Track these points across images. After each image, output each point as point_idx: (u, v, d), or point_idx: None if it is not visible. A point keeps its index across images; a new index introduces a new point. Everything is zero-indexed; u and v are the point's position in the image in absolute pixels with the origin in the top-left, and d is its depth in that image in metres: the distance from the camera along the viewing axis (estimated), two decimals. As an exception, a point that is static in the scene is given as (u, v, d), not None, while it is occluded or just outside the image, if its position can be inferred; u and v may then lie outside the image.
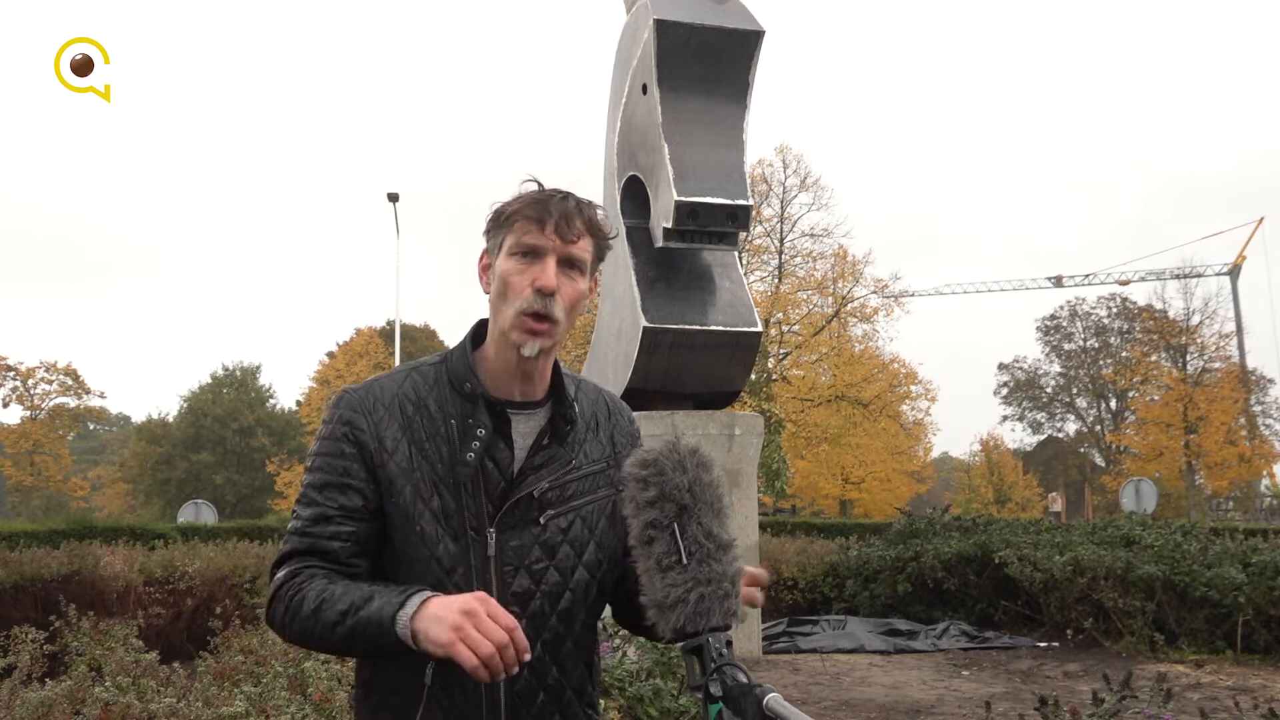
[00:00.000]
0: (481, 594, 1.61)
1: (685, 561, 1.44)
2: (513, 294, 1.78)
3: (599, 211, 1.85)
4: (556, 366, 1.88)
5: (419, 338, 53.84)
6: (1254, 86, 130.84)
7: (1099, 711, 4.11)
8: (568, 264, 1.79)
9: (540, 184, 1.83)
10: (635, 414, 2.03)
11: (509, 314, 1.78)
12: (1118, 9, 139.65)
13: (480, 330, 1.88)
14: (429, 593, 1.64)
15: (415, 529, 1.75)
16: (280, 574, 1.77)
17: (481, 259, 1.86)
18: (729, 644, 1.43)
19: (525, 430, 1.83)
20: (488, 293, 1.84)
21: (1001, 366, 61.11)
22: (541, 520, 1.79)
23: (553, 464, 1.82)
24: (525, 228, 1.78)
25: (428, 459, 1.76)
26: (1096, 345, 57.80)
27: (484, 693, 1.75)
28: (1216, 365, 43.71)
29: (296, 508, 1.80)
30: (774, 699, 1.33)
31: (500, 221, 1.82)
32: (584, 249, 1.81)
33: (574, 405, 1.87)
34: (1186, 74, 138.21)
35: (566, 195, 1.81)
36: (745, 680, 1.38)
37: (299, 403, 53.43)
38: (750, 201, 9.59)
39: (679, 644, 1.46)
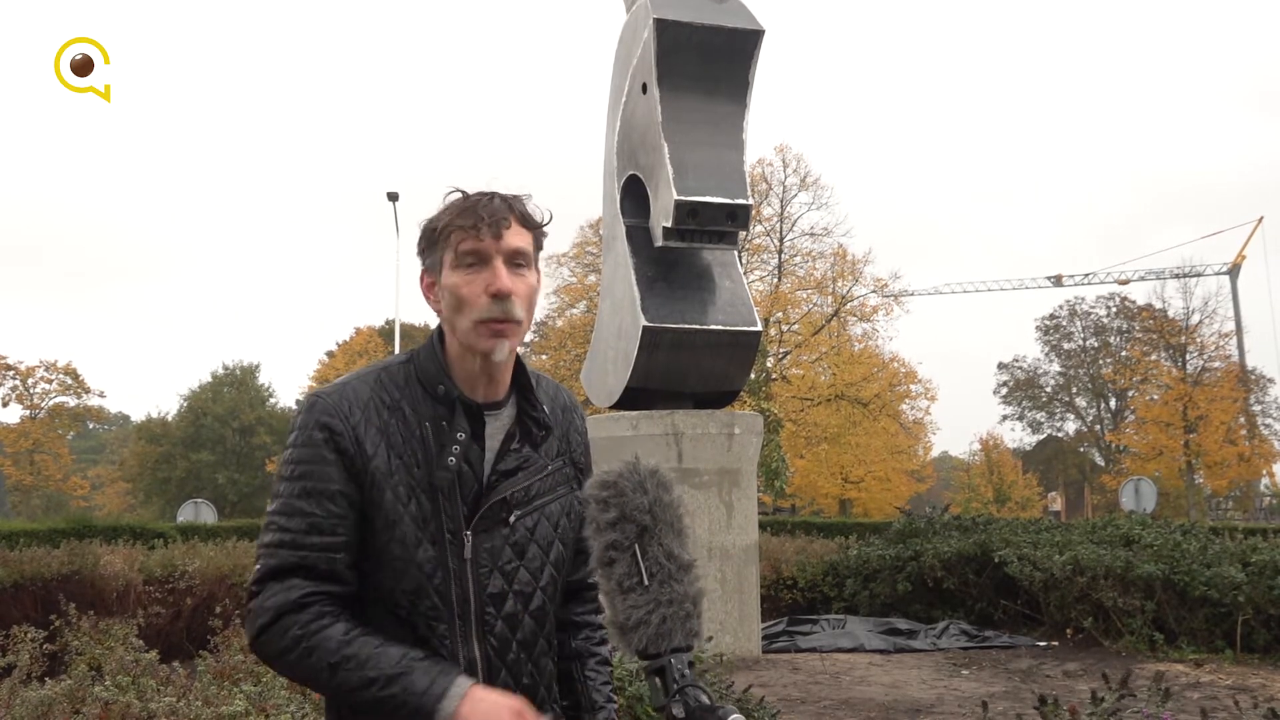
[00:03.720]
0: (519, 704, 1.63)
1: (646, 583, 1.44)
2: (467, 305, 1.76)
3: (529, 201, 1.84)
4: (519, 364, 1.88)
5: (419, 337, 53.82)
6: (1257, 86, 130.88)
7: (1098, 710, 4.12)
8: (513, 261, 1.78)
9: (464, 192, 1.81)
10: (635, 414, 2.06)
11: (466, 325, 1.76)
12: (1119, 9, 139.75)
13: (442, 331, 1.86)
14: (464, 677, 1.65)
15: (396, 534, 1.73)
16: (277, 596, 1.68)
17: (423, 279, 1.84)
18: (691, 665, 1.43)
19: (491, 431, 1.82)
20: (438, 310, 1.82)
21: (1001, 366, 61.17)
22: (510, 521, 1.80)
23: (527, 467, 1.83)
24: (461, 237, 1.76)
25: (404, 463, 1.75)
26: (1096, 345, 57.81)
27: None
28: (1216, 365, 43.73)
29: (277, 518, 1.72)
30: None
31: (435, 237, 1.80)
32: (524, 241, 1.79)
33: (544, 408, 1.87)
34: (1188, 74, 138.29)
35: (493, 195, 1.80)
36: (708, 702, 1.39)
37: (299, 402, 53.39)
38: (750, 201, 9.59)
39: (642, 664, 1.46)
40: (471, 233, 1.75)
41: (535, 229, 1.82)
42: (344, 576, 1.73)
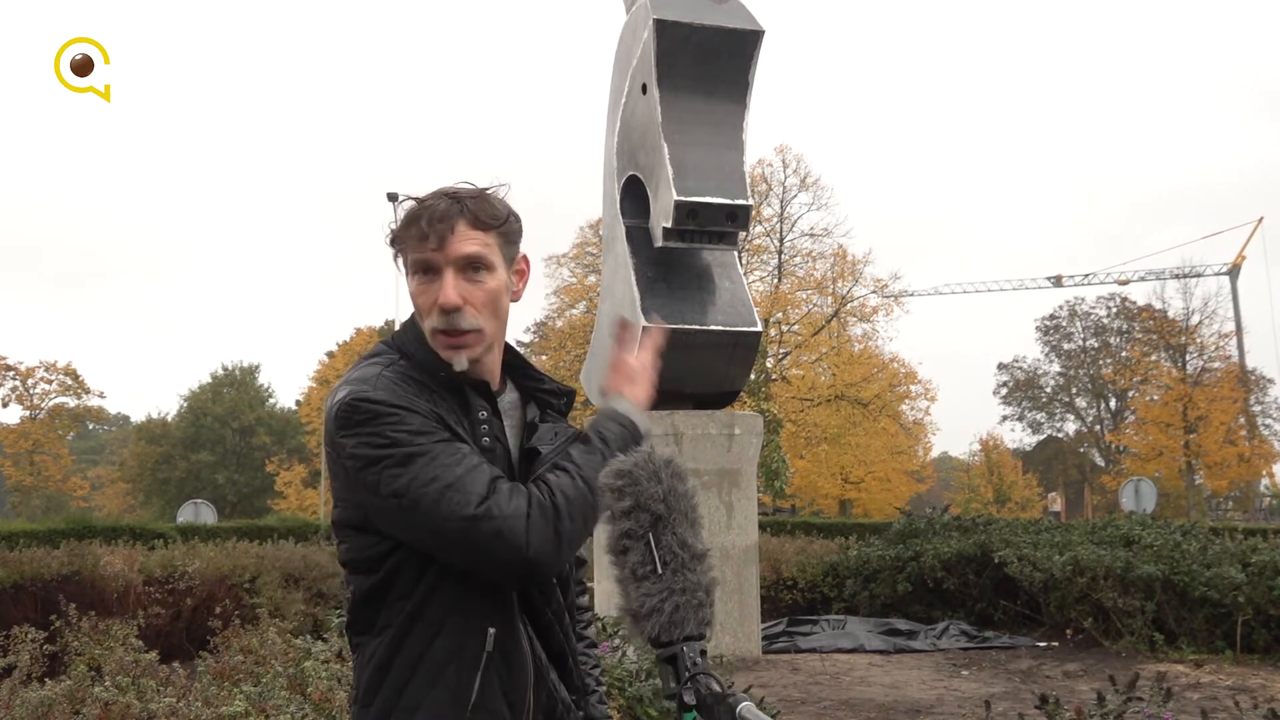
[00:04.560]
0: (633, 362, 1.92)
1: (660, 571, 1.45)
2: (424, 314, 1.76)
3: (490, 195, 1.78)
4: (510, 350, 1.89)
5: (419, 337, 53.79)
6: (1258, 88, 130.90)
7: (1101, 712, 4.12)
8: (468, 267, 1.74)
9: (418, 199, 1.76)
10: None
11: (428, 332, 1.77)
12: (1119, 10, 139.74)
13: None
14: (609, 397, 1.87)
15: None
16: (504, 506, 1.63)
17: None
18: (703, 653, 1.44)
19: (504, 409, 1.85)
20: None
21: (1001, 366, 61.19)
22: None
23: (562, 435, 1.86)
24: (412, 247, 1.74)
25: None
26: (1096, 345, 57.83)
27: (530, 659, 1.76)
28: (1216, 365, 43.75)
29: (435, 469, 1.64)
30: (746, 708, 1.35)
31: (394, 246, 1.78)
32: (476, 245, 1.74)
33: (549, 377, 1.91)
34: (1188, 75, 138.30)
35: (441, 199, 1.74)
36: (719, 689, 1.40)
37: (299, 402, 53.50)
38: (750, 201, 9.59)
39: (654, 652, 1.47)
40: (418, 242, 1.72)
41: (492, 225, 1.76)
42: None
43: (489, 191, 1.79)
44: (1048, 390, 60.41)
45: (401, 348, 1.81)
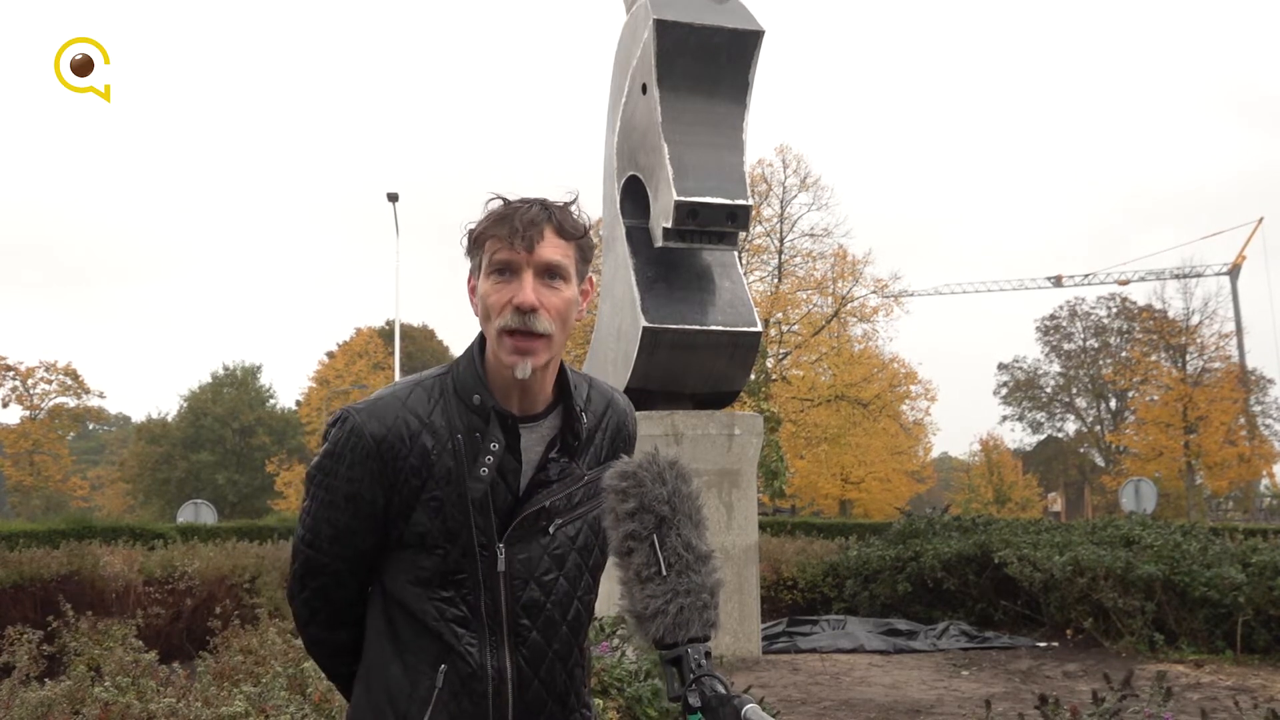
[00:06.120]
0: None
1: (664, 573, 1.44)
2: (494, 314, 1.74)
3: (574, 211, 1.80)
4: (564, 373, 1.85)
5: (418, 338, 53.86)
6: (1258, 89, 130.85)
7: (1099, 711, 4.12)
8: (546, 274, 1.75)
9: (505, 199, 1.78)
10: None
11: (493, 333, 1.75)
12: (1119, 11, 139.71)
13: (484, 340, 1.84)
14: None
15: (424, 547, 1.75)
16: (306, 594, 1.89)
17: (469, 281, 1.83)
18: (708, 654, 1.43)
19: (529, 443, 1.80)
20: (478, 315, 1.81)
21: (1001, 366, 61.11)
22: (550, 530, 1.78)
23: (565, 478, 1.81)
24: (495, 246, 1.74)
25: (435, 476, 1.74)
26: (1096, 345, 57.77)
27: (491, 702, 1.74)
28: (1216, 365, 43.69)
29: (308, 520, 1.85)
30: (752, 709, 1.34)
31: (473, 243, 1.79)
32: (559, 254, 1.76)
33: (582, 417, 1.85)
34: (1188, 76, 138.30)
35: (533, 204, 1.77)
36: (724, 691, 1.39)
37: (299, 402, 53.51)
38: (750, 201, 9.59)
39: (659, 654, 1.46)
40: (504, 243, 1.73)
41: (575, 238, 1.78)
42: (355, 582, 1.86)
43: (569, 205, 1.82)
44: (1048, 390, 60.35)
45: (455, 365, 1.85)
